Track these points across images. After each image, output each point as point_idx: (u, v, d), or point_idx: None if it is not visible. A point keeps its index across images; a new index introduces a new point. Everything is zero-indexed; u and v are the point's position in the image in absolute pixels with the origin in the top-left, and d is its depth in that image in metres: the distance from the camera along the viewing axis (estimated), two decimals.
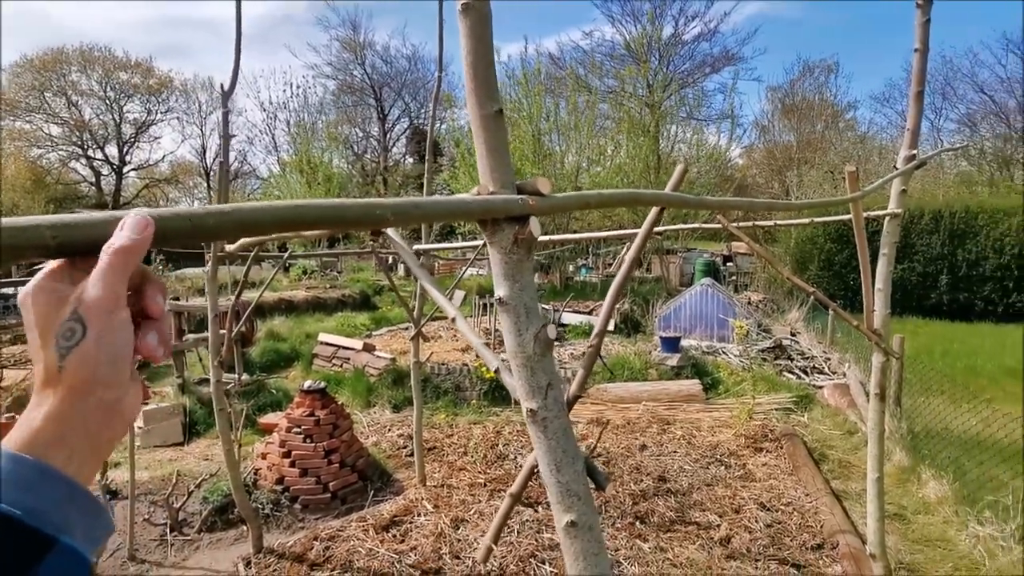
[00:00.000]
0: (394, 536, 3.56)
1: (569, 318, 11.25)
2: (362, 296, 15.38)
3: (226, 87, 3.33)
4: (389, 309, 13.73)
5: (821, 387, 7.30)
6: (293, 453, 4.38)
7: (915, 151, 2.50)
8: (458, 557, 3.35)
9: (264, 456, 4.53)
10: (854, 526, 3.93)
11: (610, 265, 20.71)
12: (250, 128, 42.72)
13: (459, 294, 15.39)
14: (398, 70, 38.12)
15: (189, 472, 5.03)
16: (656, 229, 3.24)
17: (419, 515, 3.87)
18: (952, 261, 14.11)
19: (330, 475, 4.34)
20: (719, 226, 2.94)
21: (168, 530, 3.97)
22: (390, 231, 1.46)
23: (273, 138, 32.35)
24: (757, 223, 3.08)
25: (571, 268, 19.24)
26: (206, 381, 6.74)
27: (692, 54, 27.43)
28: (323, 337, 8.68)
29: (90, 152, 34.48)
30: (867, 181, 2.96)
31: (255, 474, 4.47)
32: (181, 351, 6.65)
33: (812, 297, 2.53)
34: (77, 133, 33.36)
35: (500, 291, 0.93)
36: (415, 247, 4.34)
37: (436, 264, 21.48)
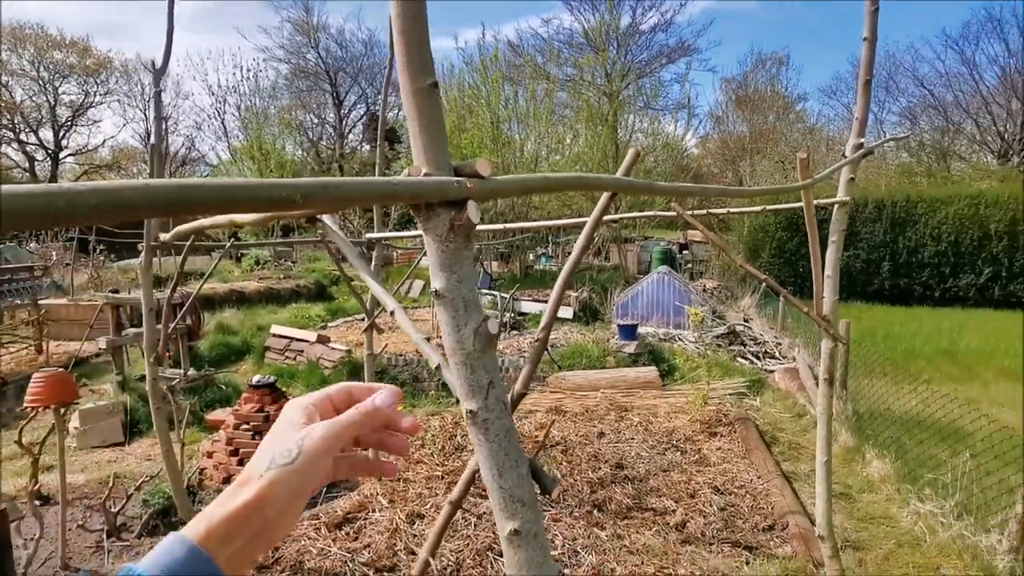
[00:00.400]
0: (347, 534, 3.46)
1: (528, 306, 11.26)
2: (317, 286, 15.00)
3: (158, 65, 3.10)
4: (346, 300, 13.41)
5: (772, 371, 7.51)
6: (241, 451, 4.20)
7: (863, 140, 2.53)
8: (413, 553, 3.28)
9: (210, 455, 4.34)
10: (803, 506, 4.04)
11: (569, 253, 20.81)
12: (198, 113, 41.04)
13: (417, 283, 15.20)
14: (353, 54, 37.20)
15: (129, 474, 4.78)
16: (612, 217, 3.22)
17: (374, 511, 3.78)
18: (894, 248, 14.75)
19: None
20: (674, 214, 2.93)
21: (105, 536, 3.76)
22: (326, 218, 1.36)
23: (223, 123, 31.15)
24: (711, 211, 3.08)
25: (531, 257, 19.24)
26: None
27: (649, 44, 27.75)
28: (275, 329, 8.40)
29: (23, 136, 32.42)
30: (815, 171, 2.99)
31: (200, 474, 4.28)
32: (120, 346, 6.31)
33: (764, 284, 2.55)
34: (8, 116, 31.29)
35: (436, 283, 0.85)
36: (367, 235, 4.21)
37: (395, 253, 21.16)
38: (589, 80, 20.09)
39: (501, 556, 3.22)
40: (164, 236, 2.93)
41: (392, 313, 1.16)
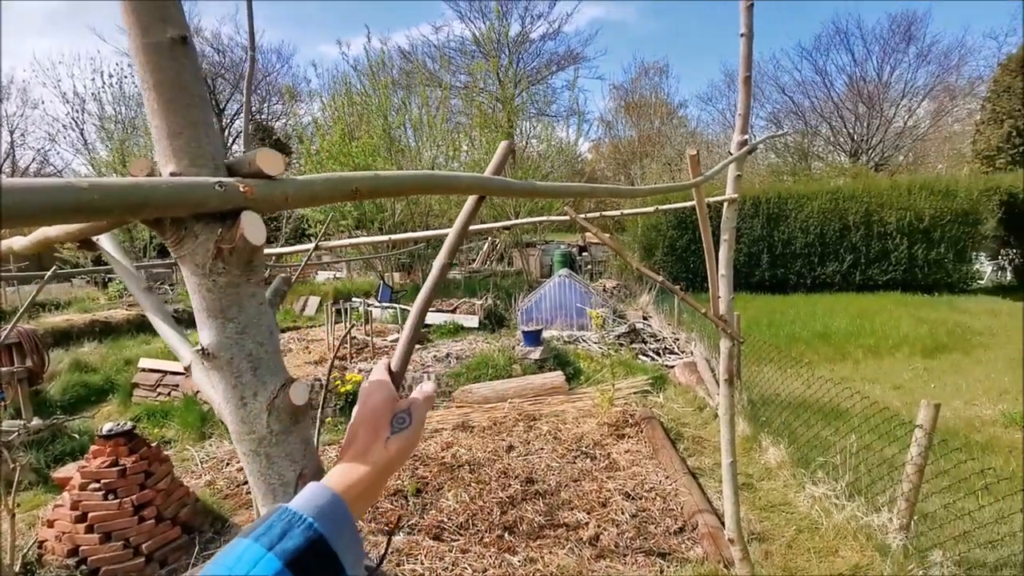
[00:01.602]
0: None
1: (433, 317, 10.91)
2: None
3: None
4: None
5: (672, 367, 7.71)
6: (90, 515, 3.55)
7: (747, 136, 2.50)
8: None
9: (51, 523, 3.63)
10: (710, 503, 4.06)
11: (473, 261, 20.67)
12: (51, 123, 36.60)
13: (313, 300, 14.35)
14: (233, 60, 34.87)
15: None
16: (509, 223, 3.02)
17: None
18: (770, 242, 15.91)
19: (143, 535, 3.59)
20: (567, 218, 2.79)
21: None
22: (103, 239, 1.03)
23: (82, 134, 28.09)
24: (604, 213, 2.98)
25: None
26: None
27: (539, 52, 28.29)
28: (144, 363, 7.46)
29: None
30: (699, 173, 2.95)
31: (40, 547, 3.57)
32: None
33: (659, 284, 2.46)
34: None
35: (204, 337, 0.57)
36: None
37: (287, 271, 19.88)
38: (482, 87, 20.06)
39: None
40: None
41: (187, 368, 0.86)
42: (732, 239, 2.61)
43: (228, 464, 5.28)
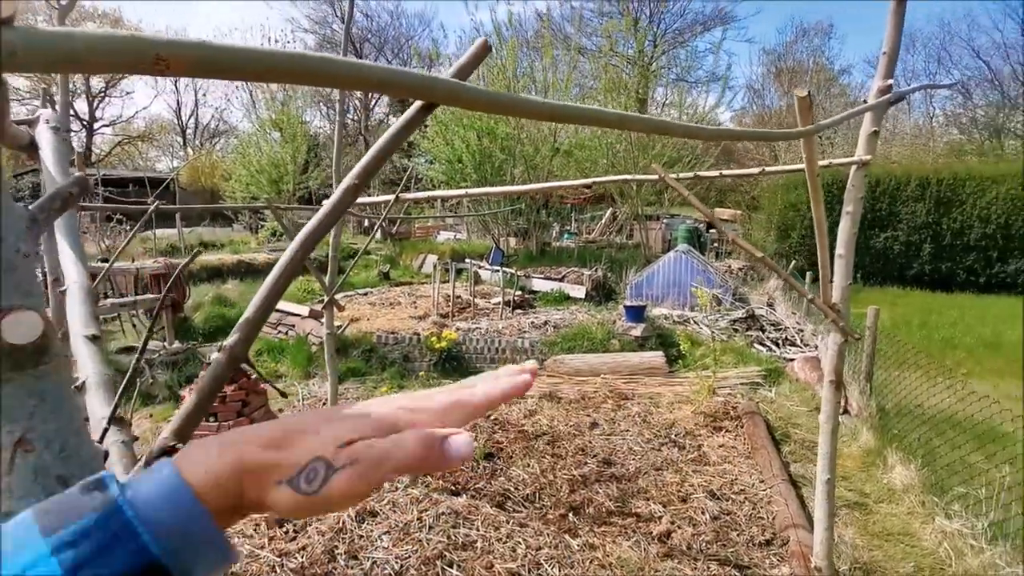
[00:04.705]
0: (286, 532, 3.13)
1: (541, 284, 10.81)
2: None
3: None
4: (356, 273, 13.17)
5: (792, 360, 6.93)
6: (193, 435, 3.90)
7: (890, 81, 1.98)
8: (356, 558, 2.93)
9: None
10: (809, 518, 3.55)
11: (591, 231, 20.21)
12: (226, 85, 41.21)
13: (431, 258, 14.87)
14: (380, 25, 36.72)
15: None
16: (586, 181, 2.73)
17: None
18: (936, 230, 13.73)
19: None
20: (655, 177, 2.44)
21: None
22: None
23: (251, 95, 31.28)
24: (700, 174, 2.57)
25: (553, 234, 18.66)
26: (130, 349, 6.24)
27: (683, 11, 26.48)
28: None
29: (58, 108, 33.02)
30: (810, 121, 2.46)
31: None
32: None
33: (792, 266, 2.08)
34: (44, 85, 31.84)
35: None
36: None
37: (412, 228, 20.84)
38: (612, 50, 19.13)
39: (451, 567, 2.85)
40: None
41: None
42: (857, 212, 2.12)
43: (325, 403, 5.59)
